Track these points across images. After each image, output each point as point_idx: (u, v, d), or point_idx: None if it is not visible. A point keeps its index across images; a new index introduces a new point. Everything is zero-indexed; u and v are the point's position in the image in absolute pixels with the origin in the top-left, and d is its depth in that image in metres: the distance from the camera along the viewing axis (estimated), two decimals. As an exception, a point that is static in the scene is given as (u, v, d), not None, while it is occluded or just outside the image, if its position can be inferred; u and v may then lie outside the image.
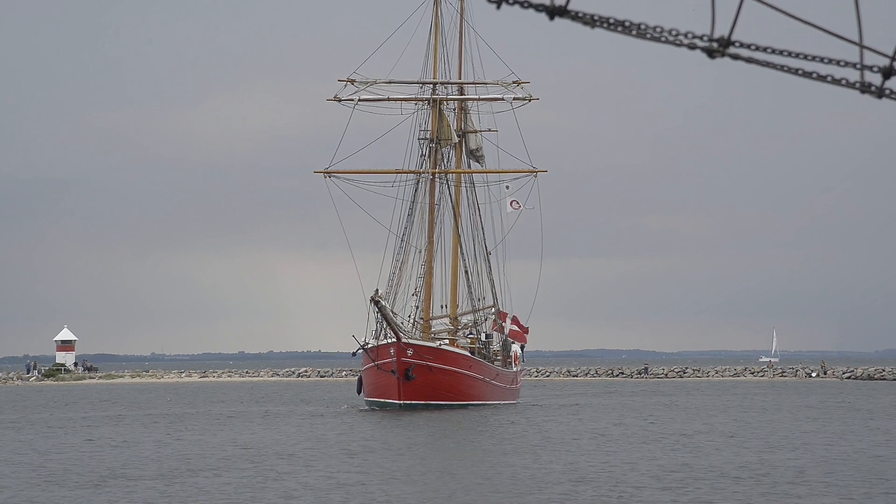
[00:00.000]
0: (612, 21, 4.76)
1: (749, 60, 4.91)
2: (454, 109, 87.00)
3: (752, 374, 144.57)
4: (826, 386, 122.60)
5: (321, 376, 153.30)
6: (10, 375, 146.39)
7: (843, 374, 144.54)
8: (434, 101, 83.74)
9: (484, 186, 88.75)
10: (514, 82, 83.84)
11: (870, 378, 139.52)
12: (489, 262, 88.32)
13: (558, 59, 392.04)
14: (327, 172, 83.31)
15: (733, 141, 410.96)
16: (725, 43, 4.92)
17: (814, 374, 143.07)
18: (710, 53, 4.95)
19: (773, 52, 4.82)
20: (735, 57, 5.00)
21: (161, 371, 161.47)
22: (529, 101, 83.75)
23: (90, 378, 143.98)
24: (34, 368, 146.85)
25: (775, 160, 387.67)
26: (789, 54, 4.85)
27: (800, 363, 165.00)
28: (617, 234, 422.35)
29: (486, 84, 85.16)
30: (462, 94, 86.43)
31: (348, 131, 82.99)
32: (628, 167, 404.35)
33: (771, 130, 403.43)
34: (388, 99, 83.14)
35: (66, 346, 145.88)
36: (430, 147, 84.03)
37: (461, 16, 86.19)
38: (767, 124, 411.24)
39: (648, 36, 4.88)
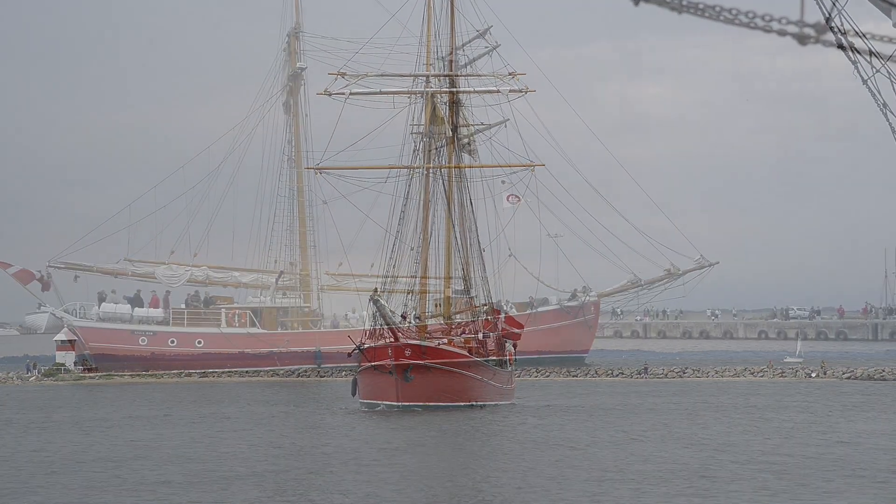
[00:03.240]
0: (700, 6, 4.52)
1: (840, 47, 4.69)
2: (447, 103, 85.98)
3: (752, 374, 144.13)
4: (830, 386, 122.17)
5: (320, 376, 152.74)
6: (10, 375, 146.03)
7: (843, 374, 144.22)
8: (427, 94, 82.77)
9: (479, 181, 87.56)
10: (509, 74, 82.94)
11: (869, 378, 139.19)
12: (482, 259, 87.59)
13: (556, 56, 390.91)
14: (318, 169, 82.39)
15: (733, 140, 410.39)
16: (823, 28, 4.69)
17: (813, 375, 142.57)
18: (802, 40, 4.72)
19: (873, 38, 4.61)
20: (827, 44, 4.77)
21: (160, 370, 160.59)
22: (525, 92, 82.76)
23: (90, 378, 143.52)
24: (34, 368, 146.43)
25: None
26: (890, 41, 4.63)
27: (801, 364, 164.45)
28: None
29: (479, 76, 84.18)
30: (455, 87, 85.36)
31: (340, 127, 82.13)
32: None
33: (771, 129, 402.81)
34: (380, 92, 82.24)
35: (65, 345, 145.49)
36: (423, 141, 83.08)
37: (452, 6, 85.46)
38: (767, 122, 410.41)
39: (738, 22, 4.63)
